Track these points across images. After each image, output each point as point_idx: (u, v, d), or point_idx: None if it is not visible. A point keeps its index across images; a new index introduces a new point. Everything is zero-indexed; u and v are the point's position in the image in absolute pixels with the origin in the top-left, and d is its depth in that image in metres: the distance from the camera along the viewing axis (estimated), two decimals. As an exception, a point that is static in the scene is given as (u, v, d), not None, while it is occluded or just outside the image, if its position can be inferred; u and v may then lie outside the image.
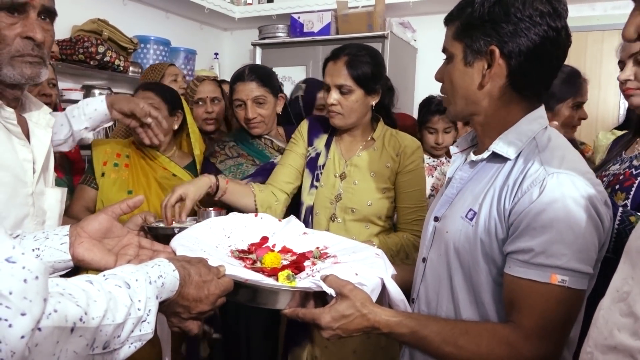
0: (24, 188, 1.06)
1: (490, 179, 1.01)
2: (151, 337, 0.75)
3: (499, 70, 0.97)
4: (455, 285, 1.03)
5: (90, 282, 0.67)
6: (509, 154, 0.99)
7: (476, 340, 0.92)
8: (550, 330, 0.89)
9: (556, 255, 0.87)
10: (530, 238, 0.89)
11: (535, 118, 1.02)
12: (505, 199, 0.95)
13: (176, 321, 0.87)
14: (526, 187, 0.92)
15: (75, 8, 2.98)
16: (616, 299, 0.70)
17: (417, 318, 0.99)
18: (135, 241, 1.00)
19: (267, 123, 1.84)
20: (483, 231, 0.97)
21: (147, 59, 3.37)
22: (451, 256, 1.03)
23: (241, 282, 0.97)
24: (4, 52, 0.98)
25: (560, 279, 0.87)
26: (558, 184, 0.89)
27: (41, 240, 0.89)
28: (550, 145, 0.98)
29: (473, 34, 0.97)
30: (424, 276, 1.12)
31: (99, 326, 0.62)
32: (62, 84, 2.87)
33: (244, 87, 1.80)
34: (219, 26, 4.32)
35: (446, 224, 1.06)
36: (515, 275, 0.91)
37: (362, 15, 3.37)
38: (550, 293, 0.88)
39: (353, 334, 0.97)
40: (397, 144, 1.69)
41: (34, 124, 1.12)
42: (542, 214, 0.88)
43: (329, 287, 0.97)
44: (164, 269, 0.80)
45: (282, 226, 1.35)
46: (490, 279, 0.97)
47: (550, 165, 0.92)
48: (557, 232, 0.87)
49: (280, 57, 3.69)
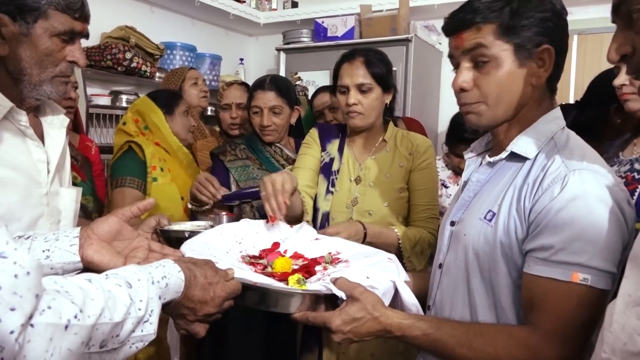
0: (38, 188, 1.08)
1: (510, 179, 0.99)
2: (154, 338, 0.75)
3: (550, 68, 0.97)
4: (472, 289, 1.00)
5: (89, 280, 0.67)
6: (528, 154, 0.97)
7: (492, 342, 0.89)
8: (570, 333, 0.85)
9: (578, 253, 0.84)
10: (551, 235, 0.86)
11: (553, 119, 1.00)
12: (525, 198, 0.92)
13: (182, 323, 0.87)
14: (547, 185, 0.90)
15: (105, 16, 3.05)
16: (631, 304, 0.68)
17: (430, 320, 0.96)
18: (145, 244, 1.01)
19: (280, 132, 1.93)
20: (503, 232, 0.94)
21: (174, 65, 3.43)
22: (470, 259, 1.00)
23: (250, 286, 0.96)
24: (49, 72, 1.06)
25: (582, 277, 0.84)
26: (580, 181, 0.87)
27: (51, 242, 0.91)
28: (570, 144, 0.96)
29: (525, 35, 0.94)
30: (440, 282, 1.10)
31: (95, 324, 0.62)
32: (91, 89, 2.95)
33: (263, 95, 1.89)
34: (244, 32, 4.37)
35: (464, 227, 1.04)
36: (534, 273, 0.88)
37: (386, 19, 3.35)
38: (571, 292, 0.85)
39: (365, 337, 0.95)
40: (409, 143, 1.70)
41: (49, 125, 1.15)
42: (563, 211, 0.86)
43: (339, 290, 0.95)
44: (168, 269, 0.80)
45: (294, 232, 1.34)
46: (510, 281, 0.94)
47: (572, 162, 0.90)
48: (579, 229, 0.84)
49: (304, 61, 3.69)
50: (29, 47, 1.01)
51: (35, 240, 0.91)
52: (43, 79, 1.05)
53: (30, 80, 1.04)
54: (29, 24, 1.00)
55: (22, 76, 1.03)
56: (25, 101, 1.09)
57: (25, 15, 0.99)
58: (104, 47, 2.89)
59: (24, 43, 1.01)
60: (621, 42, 0.73)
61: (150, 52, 3.12)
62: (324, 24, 3.60)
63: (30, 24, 1.00)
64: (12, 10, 0.98)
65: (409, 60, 3.23)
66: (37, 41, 1.02)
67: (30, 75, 1.04)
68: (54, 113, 1.18)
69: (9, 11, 0.98)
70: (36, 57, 1.03)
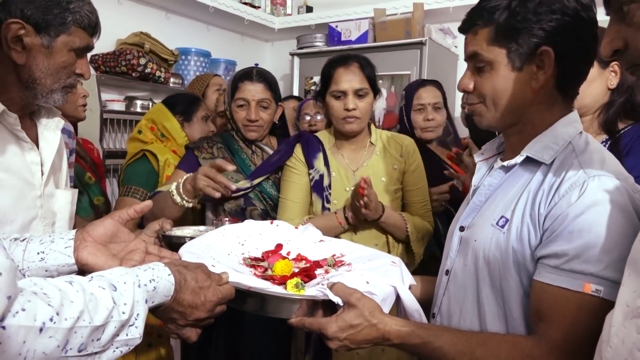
0: (32, 190, 1.08)
1: (524, 184, 0.95)
2: (139, 342, 0.74)
3: (550, 71, 0.92)
4: (482, 297, 0.96)
5: (70, 282, 0.66)
6: (544, 159, 0.93)
7: (495, 352, 0.85)
8: (578, 346, 0.80)
9: (591, 262, 0.80)
10: (566, 242, 0.82)
11: (571, 122, 0.96)
12: (540, 204, 0.88)
13: (173, 327, 0.85)
14: (564, 191, 0.86)
15: (121, 22, 3.10)
16: (629, 315, 0.64)
17: (430, 328, 0.93)
18: (142, 247, 1.00)
19: (265, 129, 1.79)
20: (515, 238, 0.90)
21: (188, 70, 3.46)
22: (480, 266, 0.96)
23: (246, 290, 0.94)
24: (61, 82, 1.09)
25: (594, 288, 0.79)
26: (601, 187, 0.83)
27: (47, 244, 0.90)
28: (589, 148, 0.92)
29: (518, 37, 0.92)
30: (447, 289, 1.06)
31: (72, 327, 0.61)
32: (105, 95, 2.99)
33: (251, 87, 1.74)
34: (259, 37, 4.38)
35: (474, 232, 1.00)
36: (544, 281, 0.84)
37: (400, 22, 3.32)
38: (581, 303, 0.80)
39: (362, 345, 0.92)
40: (397, 144, 1.72)
41: (44, 127, 1.16)
42: (580, 217, 0.82)
43: (335, 296, 0.93)
44: (157, 272, 0.78)
45: (299, 233, 1.32)
46: (522, 290, 0.90)
47: (591, 168, 0.86)
48: (596, 237, 0.80)
49: (318, 66, 3.60)
50: (47, 58, 1.05)
51: (30, 243, 0.91)
52: (55, 89, 1.08)
53: (43, 90, 1.07)
54: (52, 37, 1.03)
55: (35, 84, 1.05)
56: (27, 106, 1.10)
57: (50, 29, 1.03)
58: (118, 53, 2.92)
59: (43, 54, 1.03)
60: (613, 36, 0.70)
61: (164, 57, 3.15)
62: (338, 28, 3.59)
63: (53, 37, 1.04)
64: (39, 23, 1.01)
65: (423, 64, 3.19)
66: (56, 54, 1.05)
67: (43, 85, 1.06)
68: (49, 115, 1.18)
69: (36, 23, 1.01)
70: (52, 69, 1.06)
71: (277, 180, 1.78)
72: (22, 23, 0.99)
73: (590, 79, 1.33)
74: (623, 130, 1.42)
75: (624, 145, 1.38)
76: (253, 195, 1.75)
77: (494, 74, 0.95)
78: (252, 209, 1.73)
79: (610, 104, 1.44)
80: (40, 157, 1.11)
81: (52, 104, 1.11)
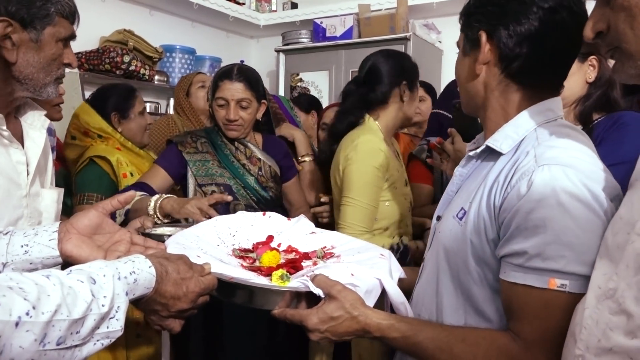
0: (17, 190, 1.07)
1: (485, 176, 0.94)
2: (121, 335, 0.74)
3: (490, 56, 0.92)
4: (441, 288, 0.97)
5: (47, 276, 0.66)
6: (502, 148, 0.92)
7: (473, 350, 0.85)
8: (553, 341, 0.80)
9: (553, 258, 0.78)
10: (523, 239, 0.81)
11: (543, 110, 0.93)
12: (495, 196, 0.87)
13: (156, 319, 0.85)
14: (515, 181, 0.84)
15: (104, 20, 3.08)
16: (602, 297, 0.66)
17: (411, 322, 0.92)
18: (127, 238, 0.99)
19: (246, 128, 1.77)
20: (472, 231, 0.90)
21: (173, 68, 3.44)
22: (441, 258, 0.97)
23: (227, 281, 0.95)
24: (53, 75, 1.09)
25: (559, 283, 0.78)
26: (549, 177, 0.80)
27: (30, 237, 0.89)
28: (554, 137, 0.88)
29: (469, 23, 0.95)
30: (420, 278, 1.08)
31: (50, 321, 0.61)
32: (89, 93, 2.96)
33: (230, 86, 1.72)
34: (245, 34, 4.37)
35: (441, 223, 1.01)
36: (510, 280, 0.83)
37: (385, 18, 3.34)
38: (549, 299, 0.80)
39: (344, 337, 0.92)
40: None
41: (29, 126, 1.15)
42: (533, 212, 0.80)
43: (317, 288, 0.92)
44: (138, 264, 0.78)
45: (291, 225, 1.32)
46: (486, 285, 0.90)
47: (543, 156, 0.83)
48: (553, 232, 0.78)
49: (304, 62, 3.69)
50: (37, 53, 1.04)
51: (14, 236, 0.90)
52: (48, 82, 1.08)
53: (36, 85, 1.07)
54: (39, 30, 1.03)
55: (28, 80, 1.05)
56: (13, 102, 1.09)
57: (36, 22, 1.02)
58: (102, 50, 2.90)
59: (32, 49, 1.03)
60: (597, 19, 0.71)
61: (149, 55, 3.13)
62: (323, 24, 3.60)
63: (40, 30, 1.03)
64: (25, 18, 1.01)
65: (407, 59, 3.21)
66: (45, 47, 1.05)
67: (37, 80, 1.06)
68: (34, 114, 1.18)
69: (21, 19, 1.00)
70: (43, 62, 1.05)
71: (260, 176, 1.78)
72: (8, 20, 0.98)
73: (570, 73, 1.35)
74: (596, 120, 1.45)
75: (596, 135, 1.40)
76: (236, 190, 1.76)
77: (457, 60, 1.02)
78: (236, 203, 1.73)
79: (587, 97, 1.46)
80: (26, 157, 1.11)
81: (46, 97, 1.11)
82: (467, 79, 0.98)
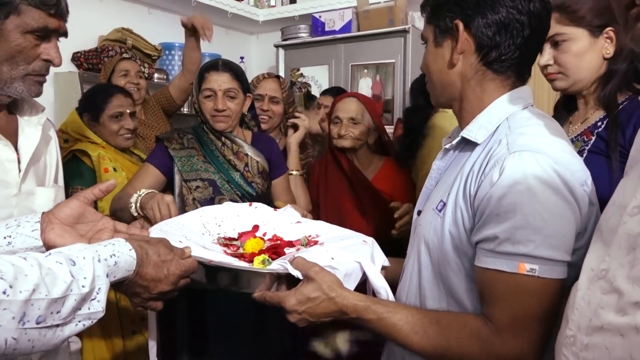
0: (6, 189, 1.07)
1: (462, 167, 0.95)
2: (102, 316, 0.74)
3: (467, 45, 0.93)
4: (423, 281, 0.98)
5: (24, 258, 0.67)
6: (477, 138, 0.94)
7: (445, 332, 0.86)
8: (524, 325, 0.82)
9: (522, 242, 0.80)
10: (495, 225, 0.82)
11: (514, 98, 0.95)
12: (470, 185, 0.89)
13: (138, 302, 0.86)
14: (488, 169, 0.86)
15: (102, 19, 3.07)
16: (594, 278, 0.66)
17: (387, 305, 0.93)
18: (110, 225, 0.99)
19: (233, 119, 1.77)
20: (451, 222, 0.91)
21: (172, 66, 3.44)
22: (422, 251, 0.98)
23: (210, 265, 0.94)
24: (21, 69, 1.03)
25: (528, 267, 0.80)
26: (520, 164, 0.82)
27: (13, 228, 0.89)
28: (525, 125, 0.90)
29: (440, 14, 0.95)
30: (404, 270, 1.08)
31: (29, 299, 0.62)
32: (89, 92, 2.97)
33: (217, 77, 1.74)
34: (244, 30, 4.36)
35: (422, 217, 1.02)
36: (482, 266, 0.85)
37: (383, 11, 3.32)
38: (519, 284, 0.81)
39: (321, 318, 0.92)
40: None
41: (25, 122, 1.13)
42: (504, 198, 0.81)
43: (295, 269, 0.92)
44: (118, 247, 0.79)
45: (277, 215, 1.32)
46: (464, 274, 0.91)
47: (515, 143, 0.85)
48: (522, 217, 0.80)
49: (303, 57, 3.68)
50: (0, 43, 0.99)
51: None
52: (14, 77, 1.03)
53: (0, 78, 1.02)
54: (1, 19, 0.97)
55: None
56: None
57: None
58: (100, 49, 2.90)
59: None
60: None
61: (147, 53, 3.13)
62: (322, 18, 3.58)
63: (2, 19, 0.97)
64: None
65: (407, 52, 3.20)
66: (8, 37, 0.99)
67: (0, 72, 1.01)
68: (31, 110, 1.16)
69: None
70: (7, 54, 1.00)
71: (246, 172, 1.78)
72: None
73: (581, 51, 1.29)
74: (621, 104, 1.28)
75: (624, 121, 1.24)
76: (221, 185, 1.76)
77: (426, 52, 1.01)
78: (220, 198, 1.73)
79: (608, 75, 1.28)
80: (19, 154, 1.09)
81: (16, 94, 1.05)
82: (441, 71, 0.98)
